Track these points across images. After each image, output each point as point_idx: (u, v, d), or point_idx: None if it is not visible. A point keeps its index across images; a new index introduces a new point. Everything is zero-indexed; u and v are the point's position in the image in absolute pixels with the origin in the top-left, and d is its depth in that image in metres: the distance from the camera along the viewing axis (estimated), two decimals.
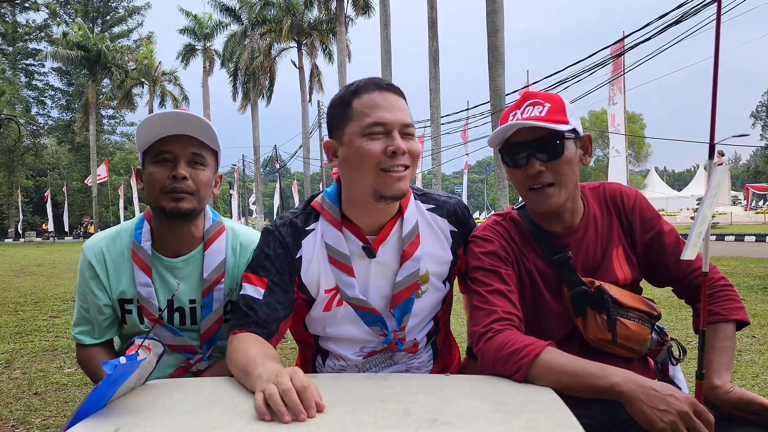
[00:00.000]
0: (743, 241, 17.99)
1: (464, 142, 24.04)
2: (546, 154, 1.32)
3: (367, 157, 1.27)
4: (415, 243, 1.40)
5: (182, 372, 1.54)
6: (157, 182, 1.44)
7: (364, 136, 1.28)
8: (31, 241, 38.32)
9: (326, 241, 1.38)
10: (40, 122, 49.40)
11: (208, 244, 1.55)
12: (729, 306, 1.33)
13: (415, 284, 1.39)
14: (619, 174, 18.92)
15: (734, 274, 8.32)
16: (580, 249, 1.40)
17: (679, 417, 0.99)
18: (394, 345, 1.41)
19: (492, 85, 13.25)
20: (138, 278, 1.51)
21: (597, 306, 1.32)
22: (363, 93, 1.31)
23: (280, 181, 45.00)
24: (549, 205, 1.34)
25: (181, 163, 1.44)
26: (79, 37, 35.25)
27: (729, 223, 29.68)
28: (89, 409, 1.00)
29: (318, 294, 1.39)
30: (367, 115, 1.28)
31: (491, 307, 1.31)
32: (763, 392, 3.14)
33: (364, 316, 1.39)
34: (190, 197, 1.45)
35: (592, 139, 1.42)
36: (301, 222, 1.41)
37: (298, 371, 1.04)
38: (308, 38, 31.92)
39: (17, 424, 2.93)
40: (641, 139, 48.21)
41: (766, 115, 47.47)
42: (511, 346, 1.19)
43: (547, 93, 1.39)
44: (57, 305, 7.11)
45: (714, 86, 1.18)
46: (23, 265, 14.26)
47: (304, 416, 0.93)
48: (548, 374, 1.14)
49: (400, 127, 1.29)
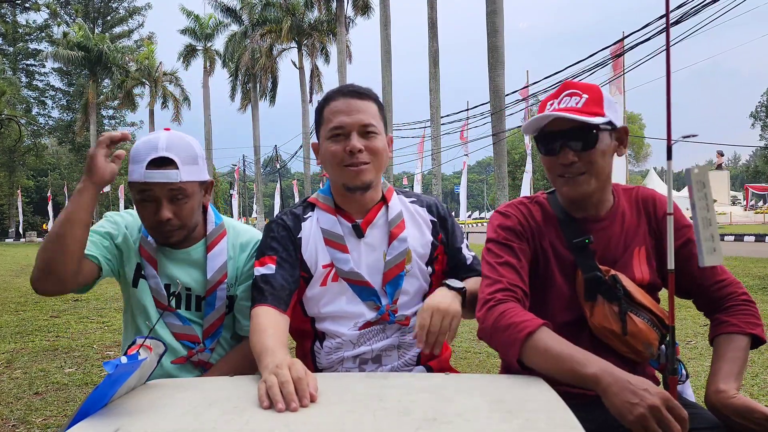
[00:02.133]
0: (743, 241, 17.99)
1: (463, 142, 23.98)
2: (580, 144, 1.33)
3: (331, 156, 1.49)
4: (400, 226, 1.57)
5: (184, 361, 1.58)
6: (145, 219, 1.53)
7: (328, 139, 1.50)
8: (32, 241, 38.30)
9: (321, 225, 1.56)
10: (40, 122, 49.41)
11: (210, 247, 1.62)
12: (747, 320, 1.32)
13: (403, 262, 1.54)
14: (618, 174, 18.85)
15: (734, 274, 8.23)
16: (602, 239, 1.40)
17: (649, 410, 0.99)
18: (387, 316, 1.53)
19: (492, 86, 13.25)
20: (147, 272, 1.59)
21: (608, 294, 1.31)
22: (331, 101, 1.52)
23: (281, 181, 45.00)
24: (578, 192, 1.36)
25: (164, 204, 1.48)
26: (79, 38, 35.19)
27: (729, 223, 29.67)
28: (90, 408, 1.01)
29: (316, 270, 1.53)
30: (330, 120, 1.50)
31: (497, 277, 1.35)
32: (763, 392, 3.15)
33: (360, 291, 1.52)
34: (179, 231, 1.53)
35: (629, 132, 1.43)
36: (300, 211, 1.60)
37: (296, 363, 1.13)
38: (308, 39, 31.91)
39: (18, 424, 2.94)
40: (641, 139, 48.18)
41: (765, 116, 47.45)
42: (510, 318, 1.23)
43: (586, 83, 1.40)
44: (57, 305, 7.11)
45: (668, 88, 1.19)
46: (24, 265, 14.26)
47: (295, 405, 1.01)
48: (537, 354, 1.16)
49: (359, 127, 1.48)
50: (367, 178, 1.50)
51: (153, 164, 1.45)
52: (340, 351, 1.52)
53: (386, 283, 1.54)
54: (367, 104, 1.51)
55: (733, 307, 1.34)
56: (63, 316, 6.28)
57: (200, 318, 1.62)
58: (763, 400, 3.02)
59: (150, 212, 1.49)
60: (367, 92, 1.54)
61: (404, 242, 1.55)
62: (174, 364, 1.57)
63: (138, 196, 1.50)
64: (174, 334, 1.58)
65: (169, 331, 1.58)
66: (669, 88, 1.18)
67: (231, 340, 1.66)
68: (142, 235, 1.60)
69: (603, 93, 1.37)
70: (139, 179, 1.46)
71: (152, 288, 1.59)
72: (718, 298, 1.38)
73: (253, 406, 1.03)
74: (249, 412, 1.00)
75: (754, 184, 42.08)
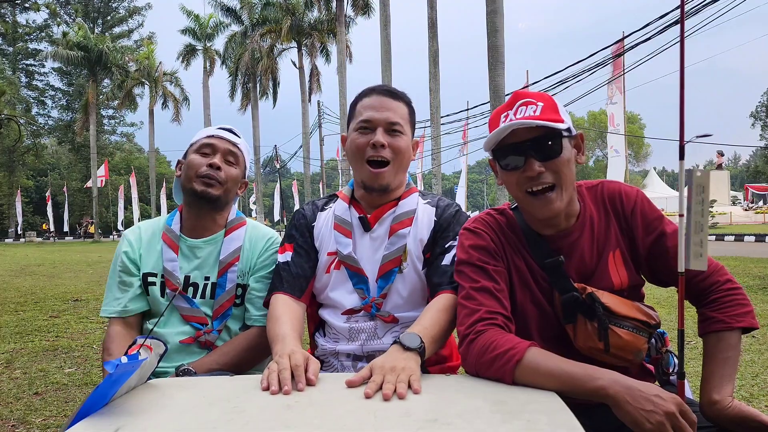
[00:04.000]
0: (743, 241, 17.99)
1: (464, 141, 24.01)
2: (544, 154, 1.27)
3: (356, 148, 1.55)
4: (404, 223, 1.59)
5: (192, 341, 1.67)
6: (197, 166, 1.69)
7: (356, 131, 1.56)
8: (32, 241, 38.31)
9: (336, 213, 1.64)
10: (40, 122, 49.45)
11: (228, 232, 1.76)
12: (734, 312, 1.26)
13: (399, 258, 1.56)
14: (618, 174, 18.88)
15: (734, 274, 8.26)
16: (574, 253, 1.35)
17: (666, 417, 0.99)
18: (369, 307, 1.54)
19: (492, 85, 13.24)
20: (165, 254, 1.71)
21: (588, 313, 1.26)
22: (365, 97, 1.59)
23: (281, 181, 44.99)
24: (550, 210, 1.29)
25: (218, 157, 1.71)
26: (79, 38, 35.20)
27: (729, 223, 29.67)
28: (90, 408, 1.00)
29: (321, 256, 1.61)
30: (361, 114, 1.56)
31: (475, 306, 1.28)
32: (763, 392, 3.14)
33: (353, 276, 1.57)
34: (219, 186, 1.69)
35: (584, 138, 1.37)
36: (322, 203, 1.71)
37: (297, 352, 1.21)
38: (308, 38, 31.91)
39: (18, 424, 2.93)
40: (640, 139, 48.21)
41: (765, 115, 47.47)
42: (493, 350, 1.17)
43: (537, 92, 1.35)
44: (57, 305, 7.11)
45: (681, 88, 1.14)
46: (24, 265, 14.26)
47: (287, 389, 1.09)
48: (533, 377, 1.13)
49: (386, 124, 1.53)
50: (386, 181, 1.55)
51: (221, 129, 1.76)
52: (336, 344, 1.55)
53: (380, 276, 1.55)
54: (398, 104, 1.57)
55: (717, 300, 1.28)
56: (63, 316, 6.27)
57: (208, 302, 1.70)
58: (764, 400, 3.02)
59: (204, 161, 1.69)
60: (401, 94, 1.61)
61: (403, 238, 1.57)
62: (182, 344, 1.65)
63: (199, 148, 1.71)
64: (183, 317, 1.68)
65: (179, 313, 1.68)
66: (683, 86, 1.13)
67: (239, 331, 1.72)
68: (166, 225, 1.75)
69: (555, 100, 1.32)
70: (206, 135, 1.74)
71: (166, 270, 1.68)
72: (702, 289, 1.31)
73: (253, 406, 1.03)
74: (249, 412, 1.00)
75: (755, 184, 42.08)
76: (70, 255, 18.84)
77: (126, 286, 1.70)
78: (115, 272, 1.73)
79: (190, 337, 1.67)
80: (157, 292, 1.70)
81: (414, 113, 1.64)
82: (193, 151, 1.72)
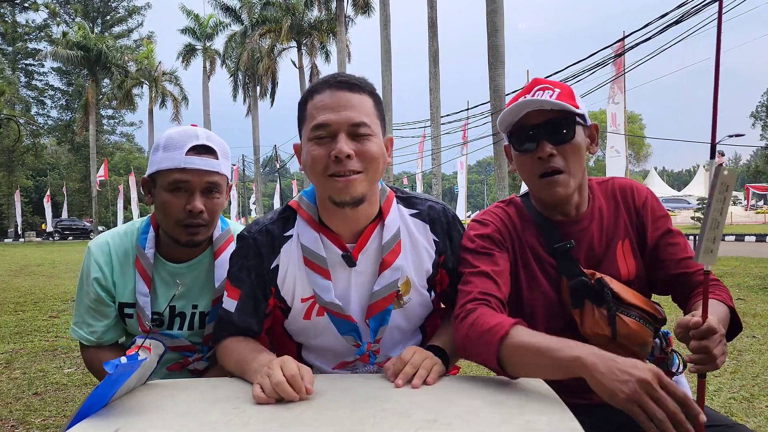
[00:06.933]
0: (743, 241, 17.99)
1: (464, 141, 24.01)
2: (556, 137, 1.30)
3: (315, 163, 1.21)
4: (395, 251, 1.31)
5: (179, 368, 1.54)
6: (173, 211, 1.40)
7: (310, 141, 1.22)
8: (31, 241, 38.29)
9: (302, 242, 1.30)
10: (39, 122, 49.37)
11: (218, 254, 1.52)
12: (726, 296, 1.27)
13: (393, 295, 1.32)
14: (618, 174, 18.91)
15: (734, 274, 8.32)
16: (584, 240, 1.37)
17: (639, 385, 0.91)
18: (366, 357, 1.35)
19: (492, 85, 13.24)
20: (138, 287, 1.48)
21: (596, 299, 1.27)
22: (316, 93, 1.23)
23: (280, 181, 44.97)
24: (558, 193, 1.31)
25: (197, 196, 1.40)
26: (79, 37, 35.18)
27: (729, 223, 29.69)
28: (90, 409, 1.00)
29: (293, 303, 1.33)
30: (314, 118, 1.21)
31: (468, 288, 1.28)
32: (764, 392, 3.14)
33: (339, 324, 1.32)
34: (205, 229, 1.44)
35: (599, 129, 1.40)
36: (278, 229, 1.33)
37: (288, 360, 1.09)
38: (308, 38, 31.90)
39: (17, 424, 2.93)
40: (641, 140, 48.21)
41: (765, 115, 47.47)
42: (480, 326, 1.17)
43: (555, 81, 1.37)
44: (57, 305, 7.10)
45: (715, 86, 1.16)
46: (23, 265, 14.25)
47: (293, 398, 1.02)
48: (514, 354, 1.11)
49: (347, 127, 1.19)
50: (358, 191, 1.21)
51: (193, 151, 1.38)
52: None
53: (369, 317, 1.32)
54: (359, 98, 1.22)
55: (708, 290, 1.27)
56: (62, 317, 6.27)
57: (199, 332, 1.54)
58: (764, 400, 3.02)
59: (181, 203, 1.39)
60: (360, 83, 1.24)
61: (396, 272, 1.30)
62: (169, 371, 1.54)
63: (170, 185, 1.38)
64: (168, 347, 1.48)
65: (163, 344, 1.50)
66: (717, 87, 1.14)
67: None
68: (138, 245, 1.49)
69: (573, 89, 1.34)
70: (177, 165, 1.36)
71: (138, 306, 1.47)
72: (693, 284, 1.33)
73: (253, 406, 1.03)
74: (249, 412, 1.00)
75: (755, 184, 42.05)
76: (70, 255, 18.82)
77: (101, 315, 1.50)
78: (85, 295, 1.50)
79: (177, 363, 1.53)
80: (135, 325, 1.50)
81: (381, 103, 1.29)
82: (165, 187, 1.39)
